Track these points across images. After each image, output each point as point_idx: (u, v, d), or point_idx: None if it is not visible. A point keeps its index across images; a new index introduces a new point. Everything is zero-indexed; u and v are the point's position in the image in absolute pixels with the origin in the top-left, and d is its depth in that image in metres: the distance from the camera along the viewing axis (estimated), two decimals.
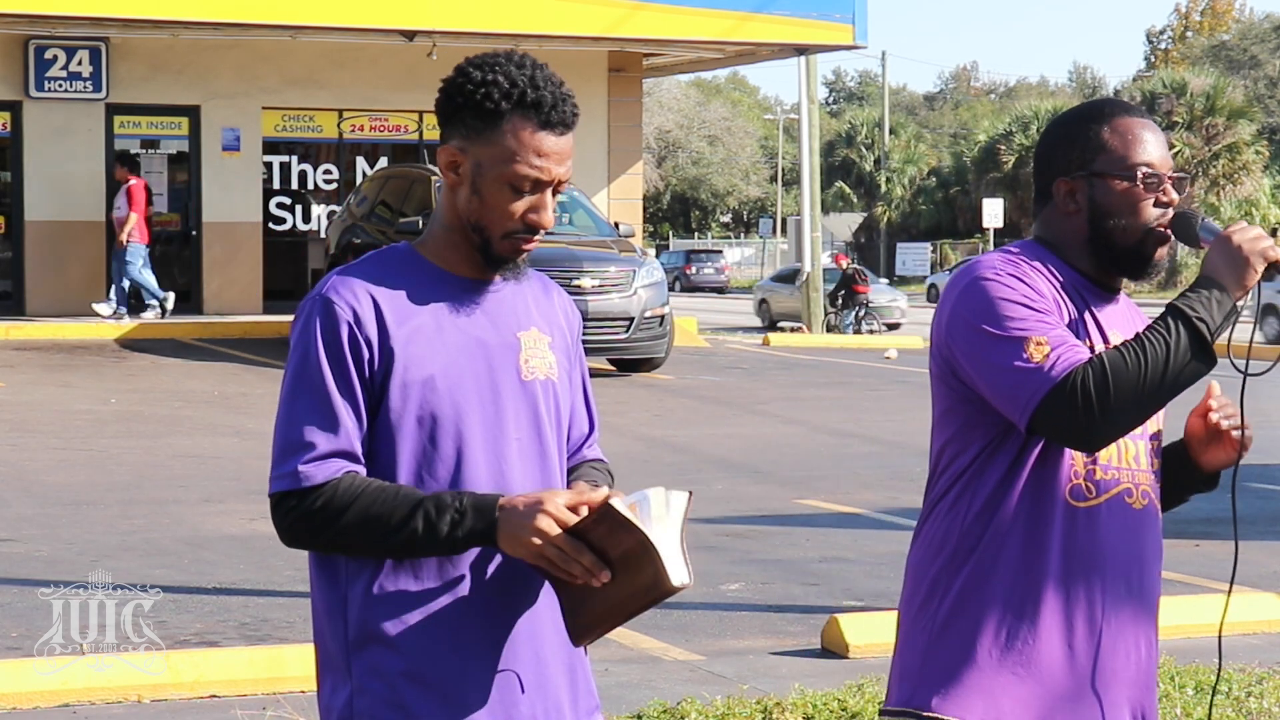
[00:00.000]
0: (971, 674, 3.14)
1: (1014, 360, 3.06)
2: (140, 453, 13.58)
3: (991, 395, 3.10)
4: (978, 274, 3.16)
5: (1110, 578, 3.16)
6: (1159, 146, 3.21)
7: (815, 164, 28.42)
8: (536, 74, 2.98)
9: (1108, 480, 3.17)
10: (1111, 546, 3.16)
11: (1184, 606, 8.23)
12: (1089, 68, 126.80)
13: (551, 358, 3.13)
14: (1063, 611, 3.14)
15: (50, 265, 24.24)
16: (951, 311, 3.17)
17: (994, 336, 3.09)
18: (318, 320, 2.98)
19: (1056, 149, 3.25)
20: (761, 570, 9.64)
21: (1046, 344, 3.06)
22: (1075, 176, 3.21)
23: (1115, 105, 3.26)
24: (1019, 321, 3.08)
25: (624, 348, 19.36)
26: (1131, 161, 3.18)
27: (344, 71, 25.35)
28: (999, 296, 3.11)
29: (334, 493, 2.91)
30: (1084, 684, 3.15)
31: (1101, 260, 3.22)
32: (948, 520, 3.20)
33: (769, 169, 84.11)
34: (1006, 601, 3.13)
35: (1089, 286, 3.23)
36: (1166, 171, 3.20)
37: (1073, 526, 3.14)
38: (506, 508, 2.89)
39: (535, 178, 2.98)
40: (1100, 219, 3.19)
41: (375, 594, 2.98)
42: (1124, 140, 3.19)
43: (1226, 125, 50.76)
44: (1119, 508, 3.18)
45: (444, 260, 3.06)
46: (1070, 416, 3.02)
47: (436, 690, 2.98)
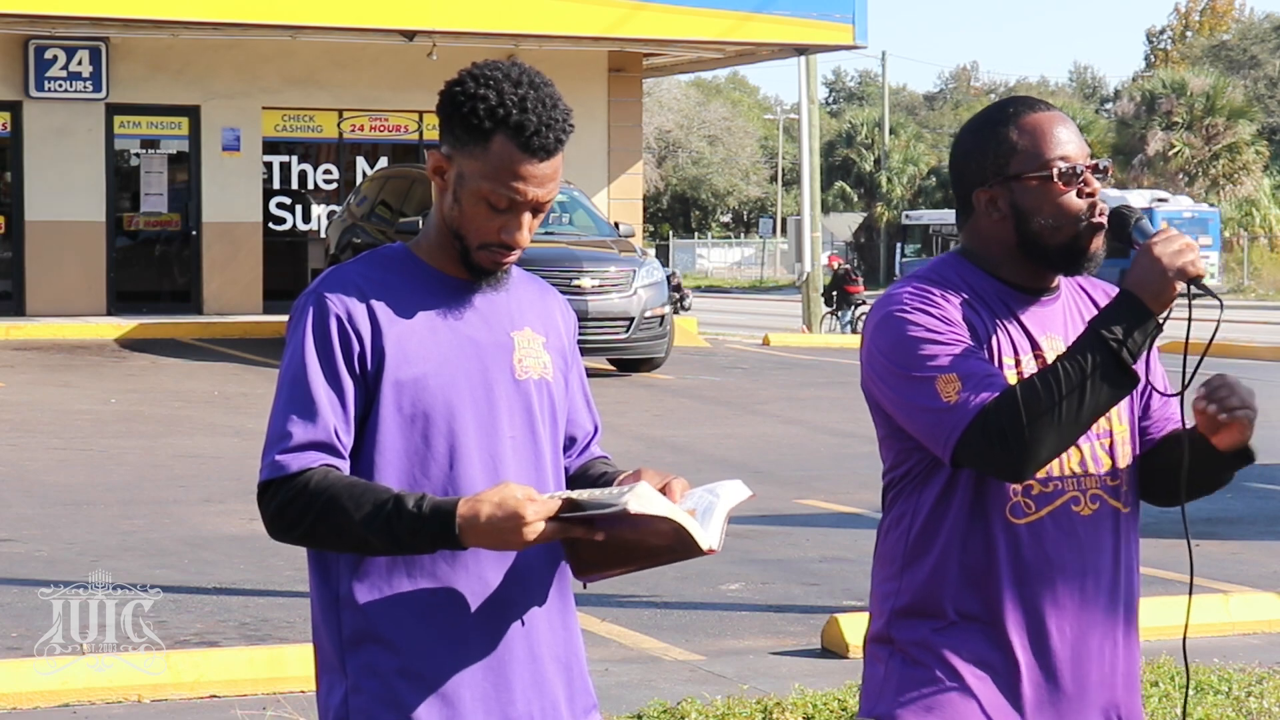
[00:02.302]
0: (929, 690, 3.11)
1: (927, 400, 3.02)
2: (140, 453, 13.58)
3: (914, 433, 3.08)
4: (888, 310, 3.11)
5: (1061, 588, 3.11)
6: (1072, 138, 3.12)
7: (815, 164, 28.42)
8: (529, 95, 2.96)
9: (1048, 493, 3.11)
10: (1059, 557, 3.11)
11: (1184, 606, 8.22)
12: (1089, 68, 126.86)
13: (546, 357, 3.13)
14: (1016, 624, 3.10)
15: (50, 265, 24.24)
16: (867, 350, 3.14)
17: (906, 377, 3.05)
18: (310, 317, 2.99)
19: (970, 159, 3.16)
20: (761, 570, 9.64)
21: (956, 381, 3.00)
22: (992, 184, 3.12)
23: (1020, 103, 3.17)
24: (928, 360, 3.03)
25: (624, 348, 19.36)
26: (1045, 158, 3.09)
27: (344, 71, 25.35)
28: (907, 335, 3.06)
29: (306, 485, 2.91)
30: (1044, 693, 3.12)
31: (1035, 262, 3.13)
32: (893, 537, 3.19)
33: (769, 169, 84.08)
34: (957, 617, 3.11)
35: (1013, 294, 3.15)
36: (1083, 162, 3.12)
37: (1015, 543, 3.09)
38: (470, 512, 2.85)
39: (511, 198, 2.97)
40: (1025, 222, 3.11)
41: (370, 592, 2.98)
42: (1034, 138, 3.10)
43: (1226, 125, 50.75)
44: (1064, 518, 3.12)
45: (437, 261, 3.07)
46: (989, 452, 2.98)
47: (432, 688, 2.98)
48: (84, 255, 24.41)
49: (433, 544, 2.89)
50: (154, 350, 20.74)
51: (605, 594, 8.34)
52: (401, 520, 2.87)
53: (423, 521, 2.86)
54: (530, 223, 3.01)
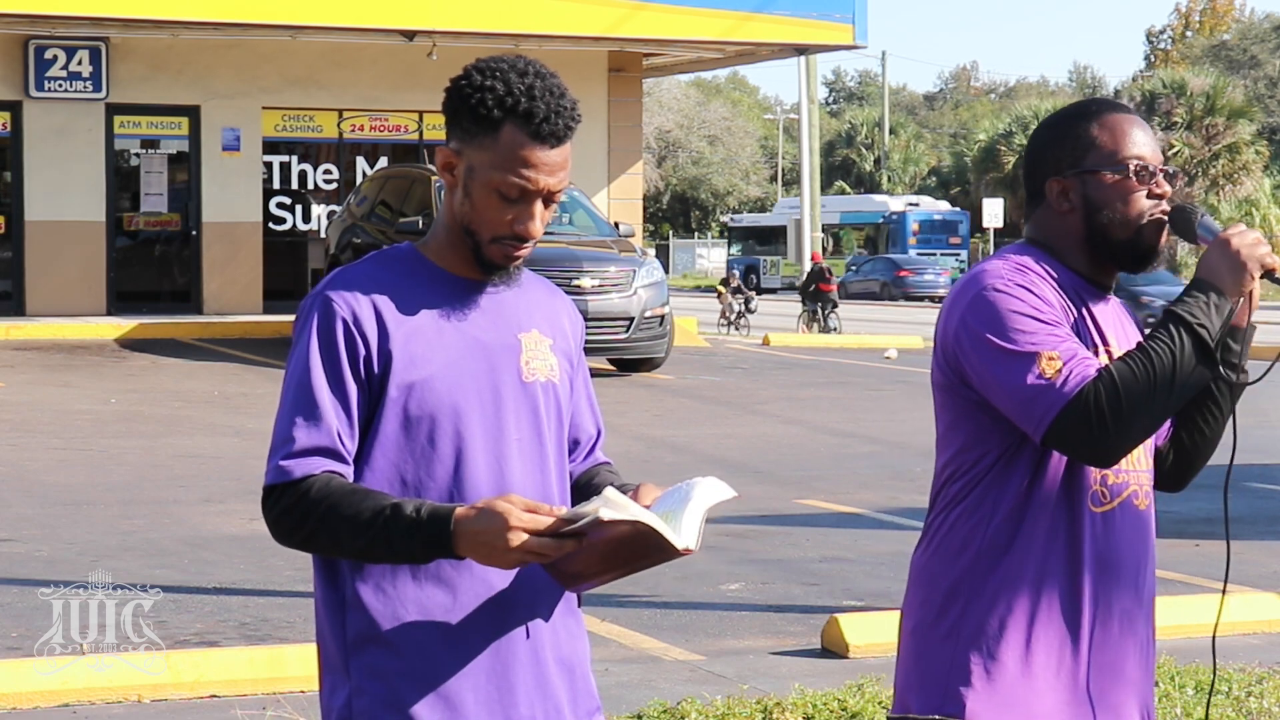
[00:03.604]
0: (1004, 681, 3.12)
1: (1026, 376, 3.05)
2: (140, 453, 13.58)
3: (1006, 410, 3.09)
4: (986, 284, 3.14)
5: (1123, 581, 3.18)
6: (1148, 140, 3.22)
7: (815, 164, 28.44)
8: (536, 84, 2.97)
9: (1119, 484, 3.18)
10: (1125, 549, 3.18)
11: (1184, 606, 8.23)
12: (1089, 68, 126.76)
13: (553, 360, 3.12)
14: (1086, 616, 3.15)
15: (50, 265, 24.24)
16: (960, 323, 3.14)
17: (1005, 351, 3.07)
18: (315, 319, 2.99)
19: (1046, 150, 3.24)
20: (761, 570, 9.64)
21: (1059, 359, 3.04)
22: (1067, 175, 3.20)
23: (1103, 103, 3.27)
24: (1030, 335, 3.07)
25: (624, 348, 19.36)
26: (1122, 155, 3.18)
27: (344, 71, 25.35)
28: (1009, 309, 3.10)
29: (308, 490, 2.91)
30: (1104, 687, 3.17)
31: (1099, 256, 3.21)
32: (968, 524, 3.17)
33: (769, 169, 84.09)
34: (1035, 607, 3.13)
35: (1085, 286, 3.22)
36: (1157, 164, 3.20)
37: (1094, 532, 3.15)
38: (463, 520, 2.84)
39: (522, 187, 2.97)
40: (1094, 214, 3.19)
41: (375, 595, 2.98)
42: (1113, 135, 3.19)
43: (1226, 125, 50.76)
44: (1129, 510, 3.19)
45: (445, 261, 3.06)
46: (1085, 433, 3.02)
47: (435, 691, 2.97)
48: (84, 255, 24.41)
49: (427, 551, 2.87)
50: (154, 350, 20.74)
51: (605, 594, 8.34)
52: (398, 526, 2.86)
53: (418, 528, 2.85)
54: (543, 213, 3.01)
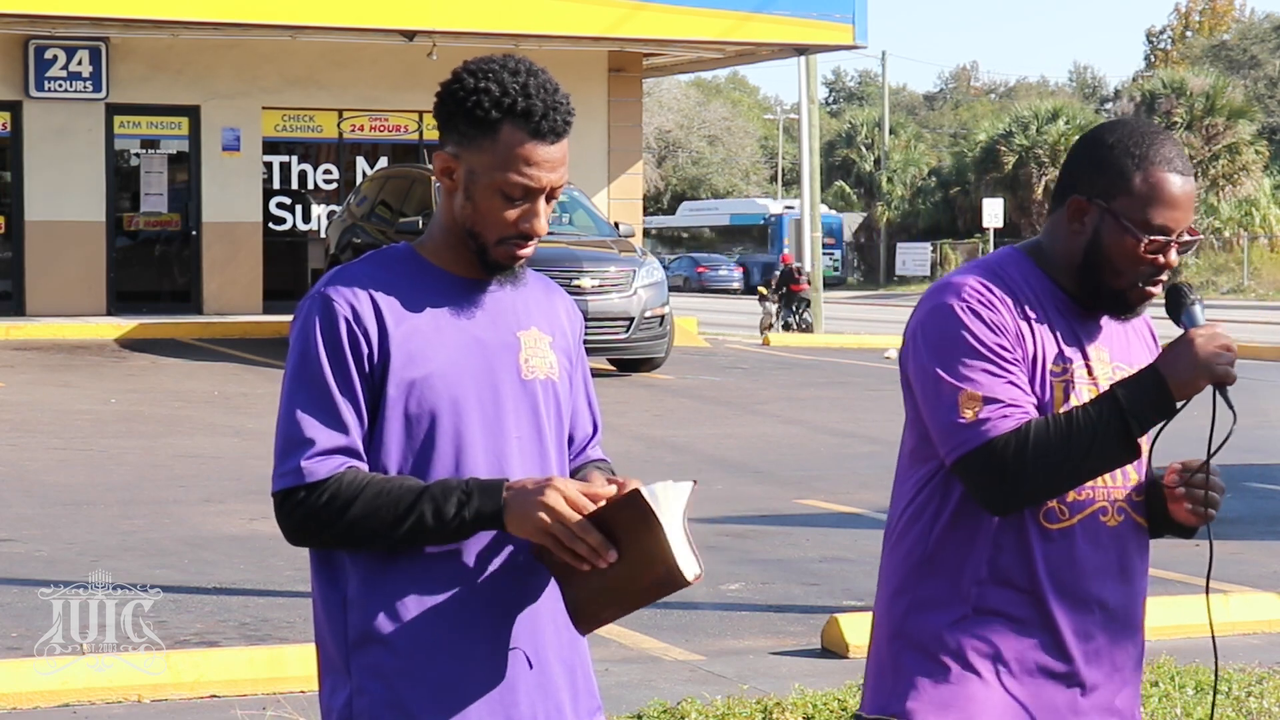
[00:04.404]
0: (945, 685, 3.12)
1: (946, 408, 3.06)
2: (140, 453, 13.58)
3: (928, 428, 3.11)
4: (945, 299, 3.12)
5: (1084, 595, 3.14)
6: (1182, 209, 3.10)
7: (815, 164, 28.43)
8: (530, 81, 2.97)
9: (1081, 501, 3.14)
10: (1086, 565, 3.14)
11: (1184, 606, 8.23)
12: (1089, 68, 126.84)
13: (552, 357, 3.13)
14: (1040, 625, 3.12)
15: (50, 265, 24.24)
16: (913, 331, 3.15)
17: (937, 376, 3.08)
18: (316, 317, 2.98)
19: (1089, 165, 3.15)
20: (761, 570, 9.64)
21: (979, 403, 3.03)
22: (1092, 201, 3.13)
23: (1164, 155, 3.11)
24: (962, 369, 3.05)
25: (624, 348, 19.36)
26: (1147, 219, 3.08)
27: (344, 71, 25.36)
28: (953, 335, 3.08)
29: (339, 487, 2.91)
30: (1059, 693, 3.14)
31: (1085, 286, 3.16)
32: (915, 529, 3.19)
33: (769, 169, 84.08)
34: (977, 614, 3.12)
35: (1068, 303, 3.18)
36: (1178, 231, 3.11)
37: (1047, 548, 3.11)
38: (515, 488, 2.89)
39: (525, 185, 2.97)
40: (1096, 250, 3.12)
41: (374, 594, 2.98)
42: (1151, 196, 3.09)
43: (1226, 125, 50.75)
44: (1093, 527, 3.15)
45: (443, 260, 3.06)
46: (985, 481, 3.03)
47: (435, 690, 2.97)
48: (84, 255, 24.41)
49: (476, 521, 2.90)
50: (154, 350, 20.74)
51: None
52: (449, 499, 2.89)
53: (470, 495, 2.89)
54: (545, 210, 3.01)
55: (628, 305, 19.10)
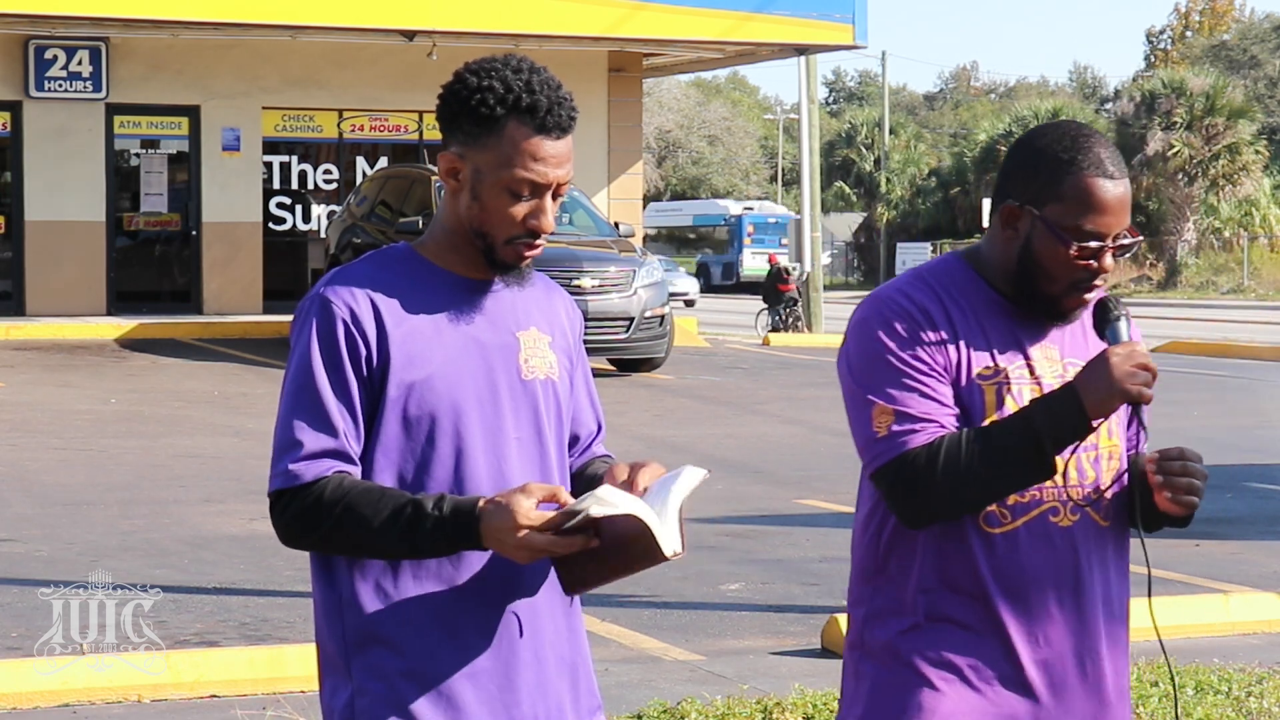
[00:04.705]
0: (896, 696, 3.10)
1: (863, 422, 3.07)
2: (140, 453, 13.58)
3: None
4: (866, 312, 3.12)
5: (1036, 597, 3.08)
6: (1115, 214, 3.04)
7: (815, 164, 28.43)
8: (533, 78, 2.97)
9: (1025, 503, 3.09)
10: (1035, 567, 3.08)
11: (1184, 606, 8.23)
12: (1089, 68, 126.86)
13: (552, 357, 3.12)
14: (990, 631, 3.08)
15: (50, 265, 24.24)
16: (843, 342, 3.16)
17: (854, 390, 3.10)
18: (314, 319, 2.99)
19: (1021, 172, 3.10)
20: (761, 570, 9.64)
21: (890, 417, 3.03)
22: (1024, 207, 3.08)
23: (1093, 159, 3.05)
24: (877, 383, 3.05)
25: (624, 348, 19.36)
26: (1078, 227, 3.03)
27: (344, 71, 25.35)
28: (872, 348, 3.08)
29: (323, 492, 2.91)
30: (1015, 700, 3.09)
31: (1020, 294, 3.12)
32: (864, 538, 3.19)
33: (769, 169, 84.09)
34: (929, 622, 3.09)
35: (1005, 305, 3.14)
36: (1112, 234, 3.05)
37: (991, 550, 3.07)
38: (487, 510, 2.87)
39: (533, 182, 2.97)
40: (1028, 256, 3.08)
41: (374, 594, 2.98)
42: (1081, 202, 3.03)
43: (1226, 125, 50.69)
44: (1041, 528, 3.09)
45: (443, 261, 3.06)
46: (895, 496, 3.03)
47: (436, 690, 2.97)
48: (84, 255, 24.41)
49: (453, 545, 2.89)
50: (154, 350, 20.74)
51: (605, 594, 8.34)
52: (422, 523, 2.87)
53: (443, 523, 2.87)
54: (552, 208, 3.01)
55: (628, 305, 19.10)
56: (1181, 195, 51.26)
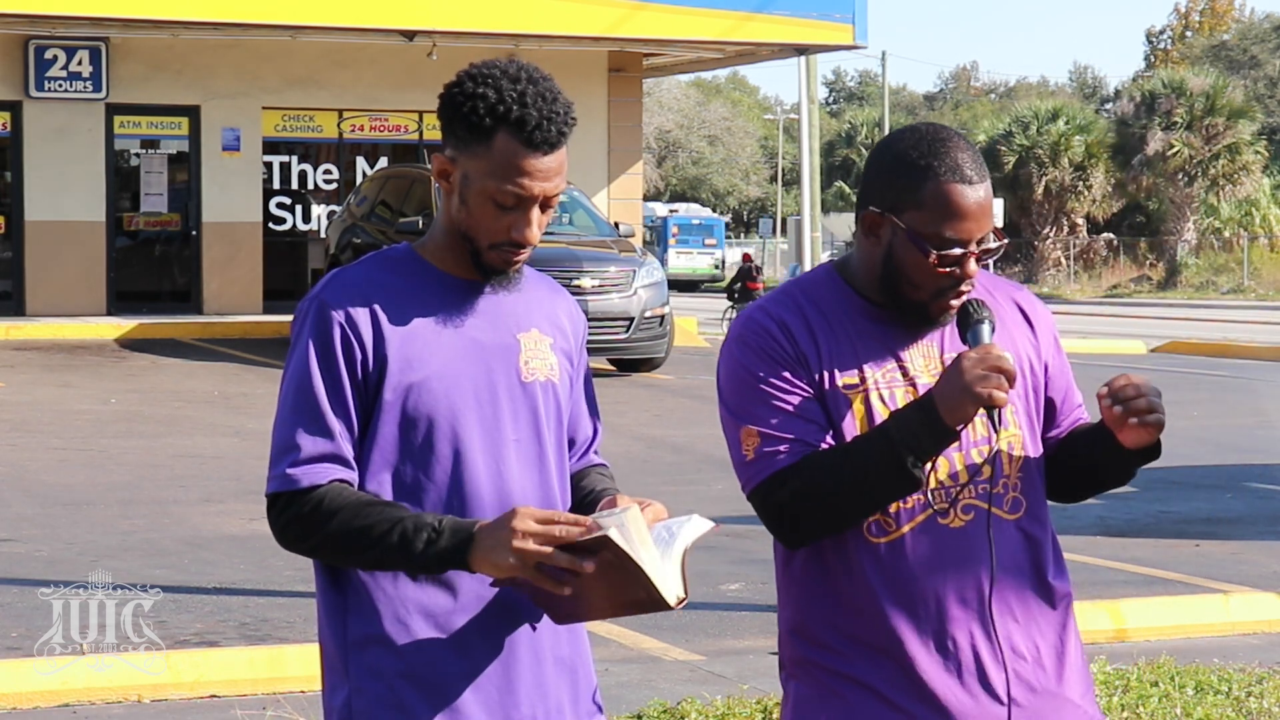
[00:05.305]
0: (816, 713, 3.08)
1: (733, 444, 3.06)
2: (140, 453, 13.58)
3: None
4: (732, 336, 3.09)
5: (934, 604, 3.01)
6: (976, 219, 2.97)
7: (815, 164, 28.43)
8: (528, 90, 2.95)
9: (909, 509, 3.02)
10: (926, 573, 3.01)
11: (1184, 606, 8.23)
12: (1089, 68, 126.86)
13: (553, 359, 3.12)
14: (893, 642, 3.01)
15: (50, 265, 24.25)
16: (716, 368, 3.14)
17: (723, 413, 3.09)
18: (311, 323, 2.99)
19: (880, 177, 3.03)
20: (761, 570, 9.63)
21: (756, 439, 3.00)
22: (884, 214, 3.01)
23: (950, 164, 2.98)
24: (742, 405, 3.03)
25: (624, 348, 19.36)
26: (938, 234, 2.96)
27: (344, 71, 25.36)
28: (734, 370, 3.06)
29: (321, 500, 2.91)
30: (931, 708, 3.02)
31: (886, 300, 3.06)
32: (776, 554, 3.18)
33: (769, 169, 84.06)
34: (841, 641, 3.06)
35: (876, 311, 3.08)
36: (974, 239, 2.98)
37: (877, 561, 3.01)
38: (483, 530, 2.86)
39: (517, 194, 2.96)
40: (890, 263, 3.02)
41: (375, 595, 2.98)
42: (940, 209, 2.96)
43: (1226, 125, 50.69)
44: (932, 533, 3.02)
45: (443, 262, 3.06)
46: (767, 517, 3.03)
47: (435, 691, 2.97)
48: (84, 255, 24.41)
49: (442, 565, 2.89)
50: (154, 350, 20.74)
51: None
52: (416, 542, 2.87)
53: (436, 543, 2.87)
54: (539, 219, 3.00)
55: (628, 305, 19.10)
56: (1181, 195, 51.24)
